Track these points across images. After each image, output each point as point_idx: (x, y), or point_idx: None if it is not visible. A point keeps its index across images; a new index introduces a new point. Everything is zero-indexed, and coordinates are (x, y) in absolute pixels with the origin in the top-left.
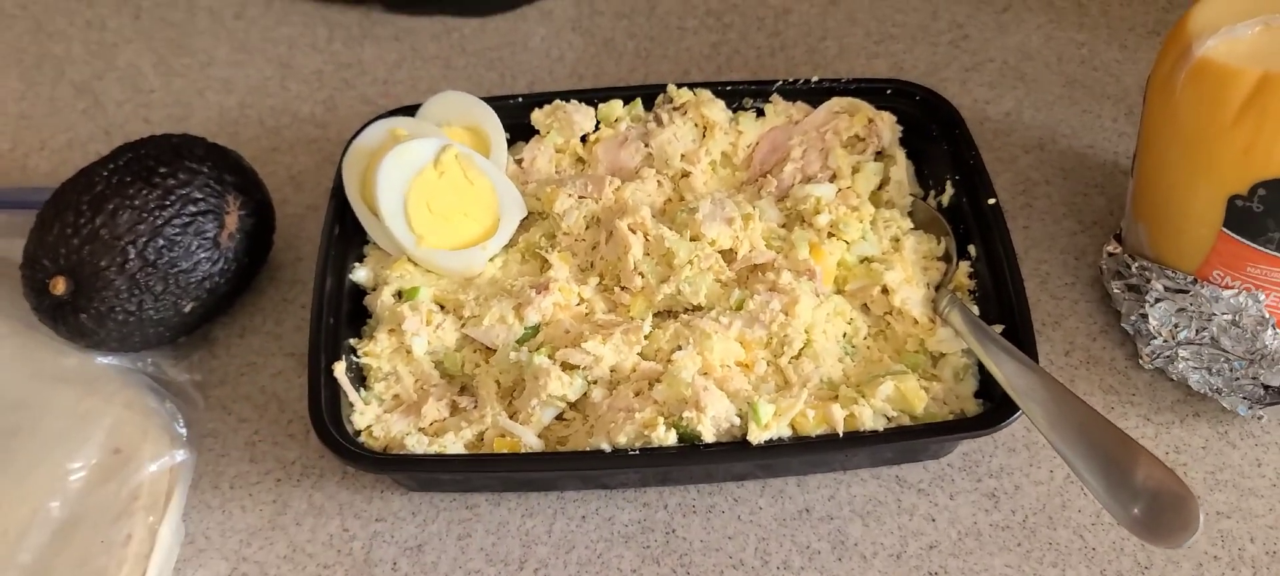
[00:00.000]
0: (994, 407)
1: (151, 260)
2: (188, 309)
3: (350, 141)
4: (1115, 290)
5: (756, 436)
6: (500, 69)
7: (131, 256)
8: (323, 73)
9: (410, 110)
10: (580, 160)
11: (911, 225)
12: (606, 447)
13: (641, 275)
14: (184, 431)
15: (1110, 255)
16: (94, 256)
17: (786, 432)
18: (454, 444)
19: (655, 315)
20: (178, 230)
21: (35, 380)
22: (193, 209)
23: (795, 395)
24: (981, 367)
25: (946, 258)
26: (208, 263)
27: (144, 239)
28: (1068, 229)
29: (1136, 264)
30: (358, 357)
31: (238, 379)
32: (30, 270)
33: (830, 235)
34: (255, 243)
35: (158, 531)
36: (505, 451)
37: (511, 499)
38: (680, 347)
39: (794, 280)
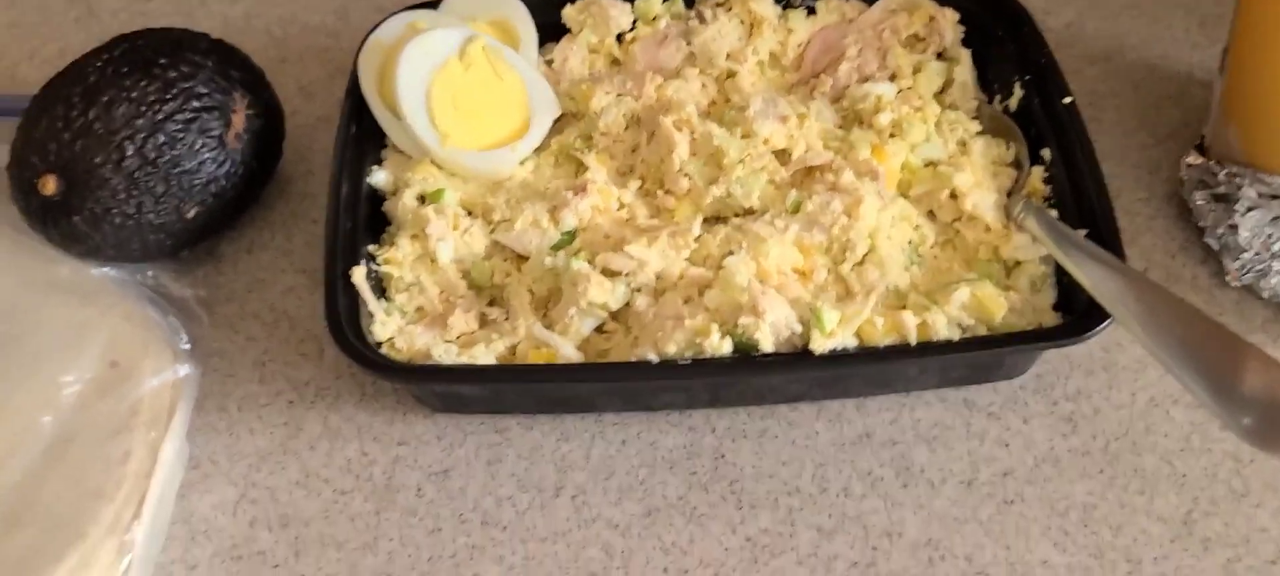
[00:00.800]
0: (1080, 316)
1: (151, 158)
2: (191, 214)
3: (367, 36)
4: (1198, 202)
5: (820, 345)
6: None
7: (129, 153)
8: None
9: (432, 3)
10: (615, 61)
11: (979, 128)
12: (654, 358)
13: (687, 176)
14: (187, 347)
15: (1191, 166)
16: (87, 152)
17: (852, 343)
18: (485, 356)
19: (703, 220)
20: (180, 126)
21: (25, 289)
22: (196, 104)
23: (862, 301)
24: (1060, 277)
25: (1016, 164)
26: (213, 164)
27: (143, 135)
28: (1140, 143)
29: (1225, 170)
30: (377, 266)
31: (246, 295)
32: (18, 169)
33: (892, 136)
34: (264, 147)
35: (159, 449)
36: (542, 364)
37: (545, 421)
38: (732, 252)
39: (856, 181)
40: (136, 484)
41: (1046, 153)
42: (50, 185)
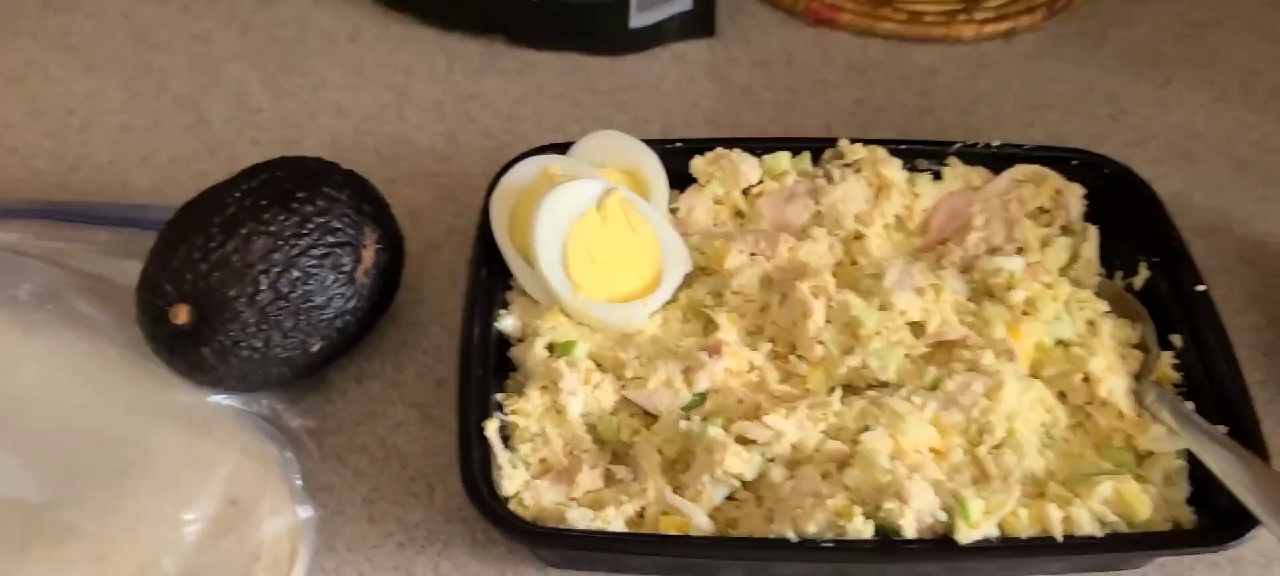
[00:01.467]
0: (1222, 517)
1: (284, 292)
2: (315, 348)
3: (498, 177)
4: None
5: (965, 536)
6: (631, 111)
7: (263, 287)
8: (443, 103)
9: (562, 147)
10: (739, 214)
11: (1106, 307)
12: (792, 536)
13: (822, 344)
14: (300, 483)
15: None
16: (223, 285)
17: (994, 533)
18: (615, 520)
19: (832, 391)
20: (314, 262)
21: (143, 415)
22: (331, 240)
23: (1003, 490)
24: (1194, 470)
25: (1142, 346)
26: (341, 299)
27: (278, 269)
28: (1253, 323)
29: None
30: (504, 415)
31: (355, 428)
32: (150, 295)
33: (1024, 313)
34: (387, 280)
35: None
36: (673, 532)
37: None
38: (868, 427)
39: (996, 361)
40: None
41: (1177, 339)
42: (182, 315)
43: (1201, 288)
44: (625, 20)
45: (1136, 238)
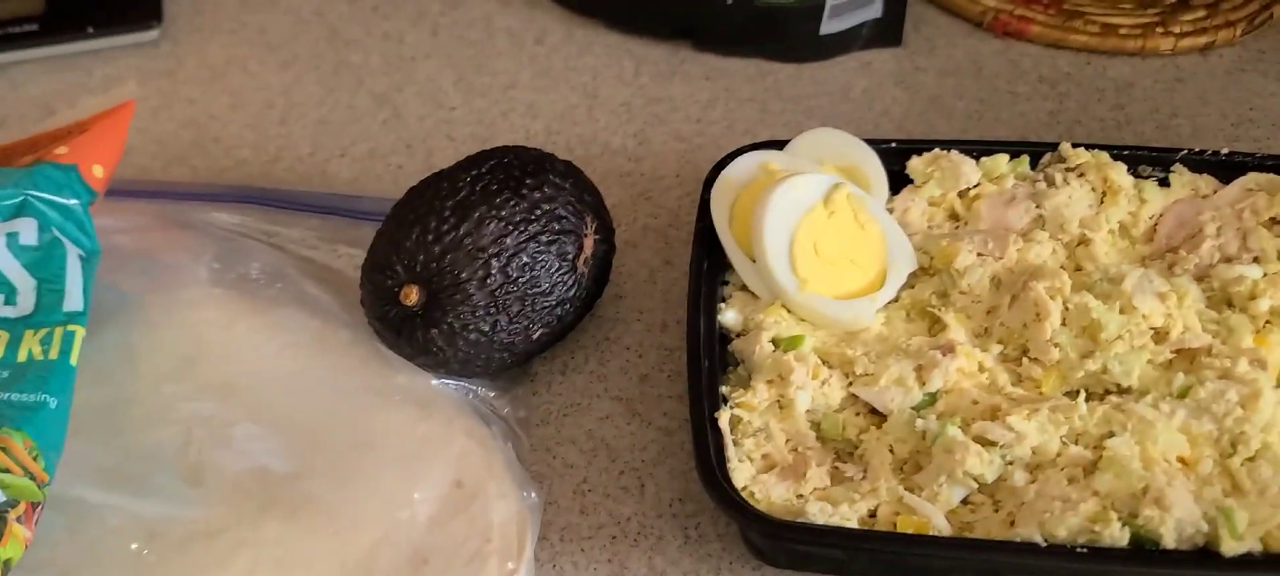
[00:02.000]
0: None
1: (513, 277)
2: (537, 335)
3: (715, 171)
4: None
5: (1231, 548)
6: (820, 117)
7: (494, 270)
8: (631, 105)
9: (778, 144)
10: (955, 216)
11: None
12: (1041, 540)
13: (1058, 347)
14: (518, 469)
15: None
16: (455, 267)
17: (1258, 548)
18: (850, 517)
19: (1068, 395)
20: (542, 247)
21: (370, 395)
22: (557, 226)
23: (1264, 503)
24: None
25: None
26: (563, 287)
27: (509, 254)
28: None
29: None
30: (730, 408)
31: (561, 419)
32: (379, 275)
33: (1268, 323)
34: (601, 271)
35: None
36: (911, 531)
37: None
38: (1113, 433)
39: (1250, 369)
40: None
41: None
42: (413, 295)
43: None
44: (817, 26)
45: None
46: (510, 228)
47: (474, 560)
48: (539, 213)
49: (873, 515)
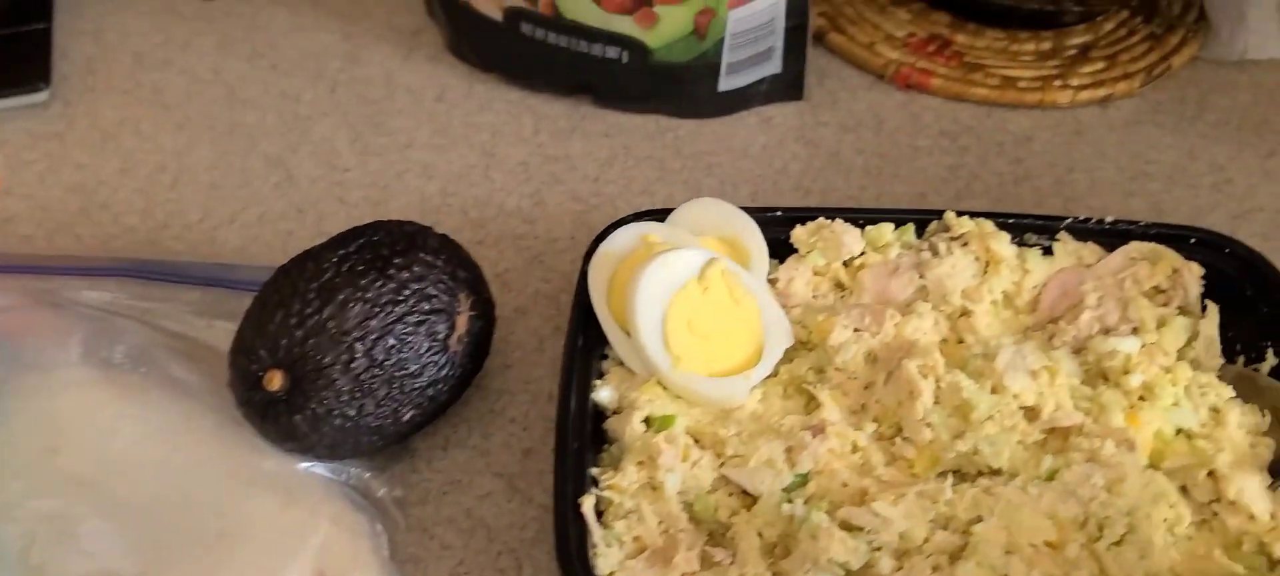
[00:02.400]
0: None
1: (379, 360)
2: (407, 417)
3: (595, 244)
4: None
5: None
6: (719, 175)
7: (358, 354)
8: (529, 164)
9: (660, 214)
10: (840, 286)
11: (1231, 392)
12: None
13: (930, 426)
14: (387, 554)
15: None
16: (318, 352)
17: None
18: None
19: (942, 475)
20: (410, 329)
21: (234, 482)
22: (427, 307)
23: None
24: None
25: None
26: (434, 367)
27: (374, 337)
28: None
29: None
30: (599, 490)
31: (440, 498)
32: (244, 359)
33: (1141, 398)
34: (479, 347)
35: None
36: None
37: None
38: (980, 518)
39: (1116, 451)
40: None
41: None
42: (277, 381)
43: None
44: (715, 83)
45: (1261, 321)
46: (376, 310)
47: None
48: (407, 293)
49: None
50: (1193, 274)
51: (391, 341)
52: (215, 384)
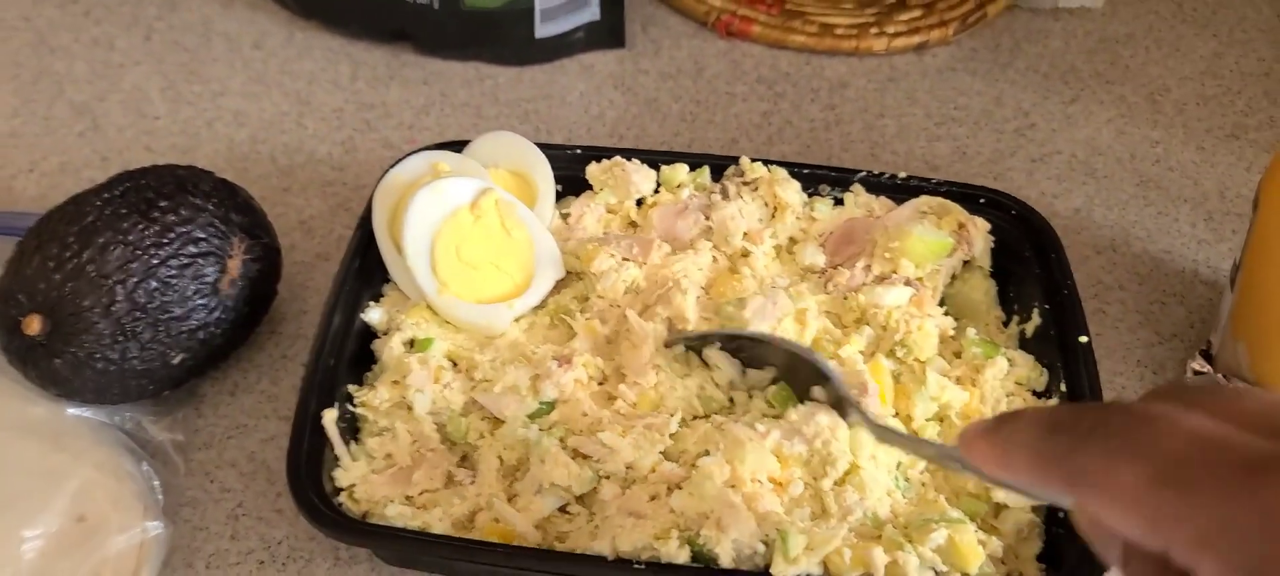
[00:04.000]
0: (1067, 572)
1: (141, 303)
2: (176, 360)
3: (388, 169)
4: None
5: (781, 571)
6: (535, 121)
7: (119, 298)
8: (343, 112)
9: (457, 145)
10: (633, 224)
11: (996, 348)
12: (607, 554)
13: (657, 368)
14: (160, 499)
15: (1198, 373)
16: (76, 295)
17: (817, 571)
18: (440, 521)
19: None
20: (174, 272)
21: None
22: (193, 249)
23: (833, 528)
24: (1049, 531)
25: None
26: (204, 310)
27: (135, 279)
28: (1144, 340)
29: (1232, 385)
30: (353, 406)
31: (224, 442)
32: (3, 305)
33: (892, 352)
34: (258, 291)
35: None
36: (495, 539)
37: None
38: (708, 452)
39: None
40: None
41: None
42: (35, 326)
43: (1084, 339)
44: (531, 29)
45: (1034, 282)
46: (138, 252)
47: None
48: (172, 236)
49: (471, 519)
50: (979, 228)
51: (154, 284)
52: None
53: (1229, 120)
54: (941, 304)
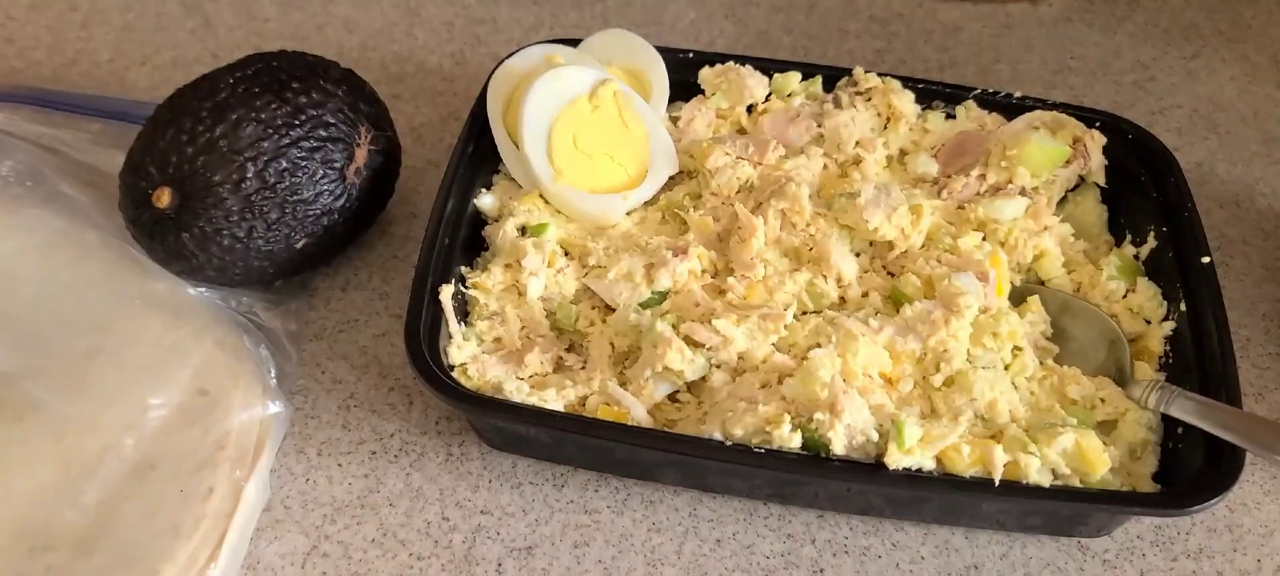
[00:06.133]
0: (1185, 490)
1: (271, 183)
2: (299, 244)
3: (502, 60)
4: None
5: (895, 460)
6: (653, 41)
7: (249, 175)
8: (453, 25)
9: (573, 42)
10: (742, 130)
11: (1114, 271)
12: (719, 438)
13: (766, 262)
14: (275, 383)
15: None
16: (208, 169)
17: (931, 465)
18: (554, 402)
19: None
20: (304, 154)
21: (120, 301)
22: (323, 133)
23: (949, 425)
24: (1166, 450)
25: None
26: (330, 195)
27: (266, 158)
28: (1269, 294)
29: None
30: (466, 288)
31: (336, 335)
32: (133, 177)
33: (1002, 244)
34: (379, 184)
35: (243, 489)
36: (608, 420)
37: (637, 507)
38: (820, 345)
39: (958, 286)
40: (216, 524)
41: (1182, 306)
42: (165, 198)
43: (1207, 259)
44: None
45: (1148, 207)
46: (269, 131)
47: (203, 467)
48: (304, 118)
49: (582, 403)
50: (1095, 142)
51: (284, 164)
52: (110, 206)
53: None
54: None
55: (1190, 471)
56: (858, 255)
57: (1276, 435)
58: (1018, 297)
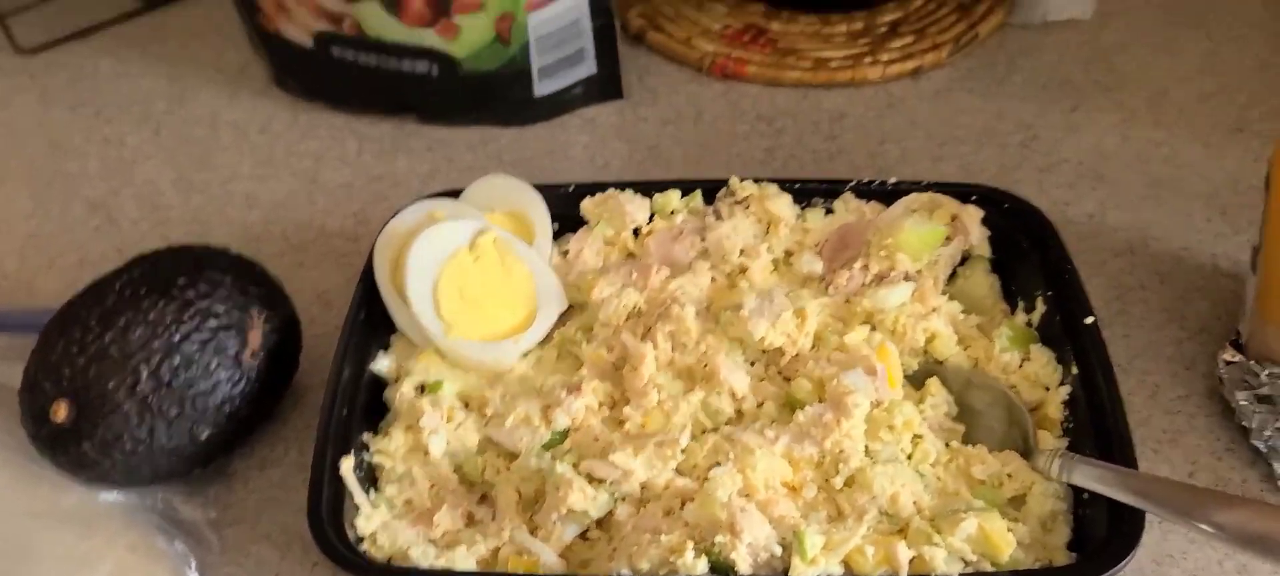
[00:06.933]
0: (1088, 559)
1: (165, 381)
2: (204, 436)
3: (386, 222)
4: (1242, 403)
5: (800, 572)
6: (542, 177)
7: (144, 377)
8: (352, 185)
9: (454, 193)
10: (630, 255)
11: (1005, 343)
12: (627, 574)
13: (659, 387)
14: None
15: (1229, 363)
16: (102, 378)
17: (838, 570)
18: (464, 559)
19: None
20: (196, 347)
21: (28, 519)
22: (213, 323)
23: (851, 527)
24: (1077, 518)
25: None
26: (228, 383)
27: (158, 357)
28: (1172, 337)
29: (1266, 370)
30: (369, 455)
31: (257, 517)
32: (29, 394)
33: (894, 332)
34: (279, 362)
35: None
36: (521, 572)
37: None
38: (719, 463)
39: (846, 384)
40: None
41: (1062, 392)
42: (61, 412)
43: (1089, 320)
44: (530, 89)
45: (1036, 271)
46: (159, 330)
47: None
48: (192, 312)
49: (495, 555)
50: (972, 216)
51: (177, 360)
52: (12, 421)
53: (1231, 115)
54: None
55: (1098, 537)
56: (754, 364)
57: (1170, 492)
58: (919, 380)
